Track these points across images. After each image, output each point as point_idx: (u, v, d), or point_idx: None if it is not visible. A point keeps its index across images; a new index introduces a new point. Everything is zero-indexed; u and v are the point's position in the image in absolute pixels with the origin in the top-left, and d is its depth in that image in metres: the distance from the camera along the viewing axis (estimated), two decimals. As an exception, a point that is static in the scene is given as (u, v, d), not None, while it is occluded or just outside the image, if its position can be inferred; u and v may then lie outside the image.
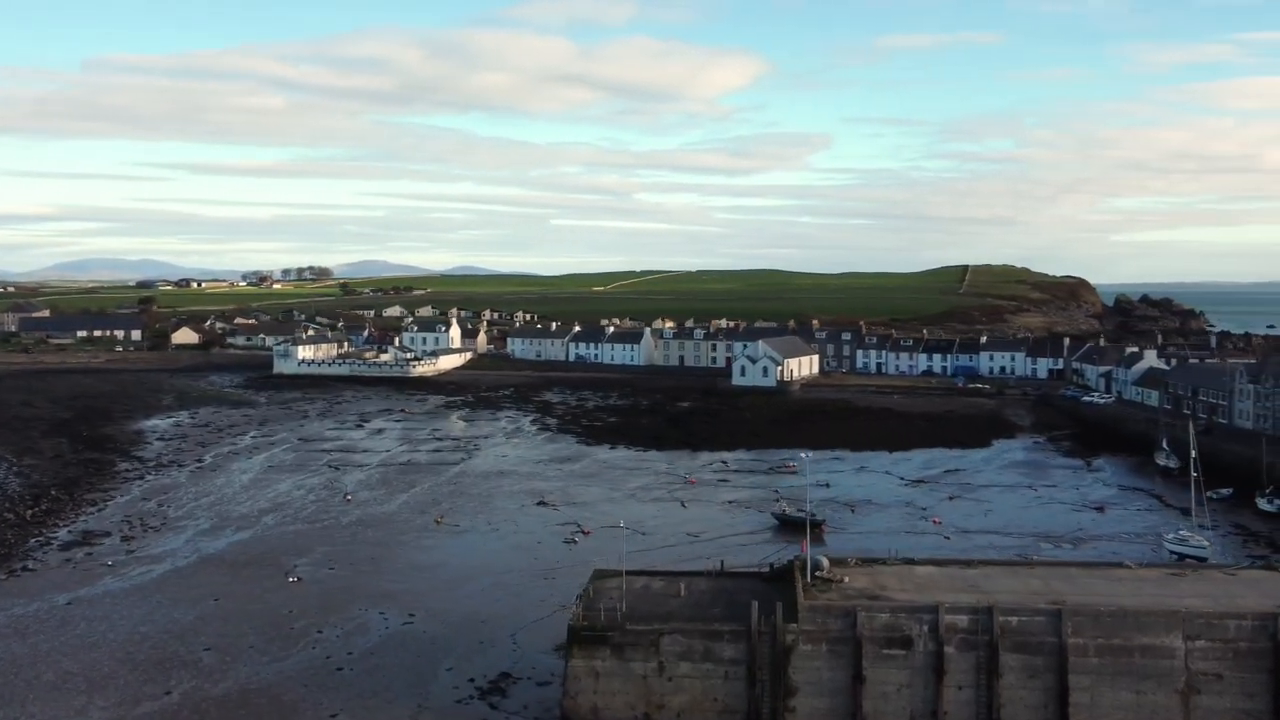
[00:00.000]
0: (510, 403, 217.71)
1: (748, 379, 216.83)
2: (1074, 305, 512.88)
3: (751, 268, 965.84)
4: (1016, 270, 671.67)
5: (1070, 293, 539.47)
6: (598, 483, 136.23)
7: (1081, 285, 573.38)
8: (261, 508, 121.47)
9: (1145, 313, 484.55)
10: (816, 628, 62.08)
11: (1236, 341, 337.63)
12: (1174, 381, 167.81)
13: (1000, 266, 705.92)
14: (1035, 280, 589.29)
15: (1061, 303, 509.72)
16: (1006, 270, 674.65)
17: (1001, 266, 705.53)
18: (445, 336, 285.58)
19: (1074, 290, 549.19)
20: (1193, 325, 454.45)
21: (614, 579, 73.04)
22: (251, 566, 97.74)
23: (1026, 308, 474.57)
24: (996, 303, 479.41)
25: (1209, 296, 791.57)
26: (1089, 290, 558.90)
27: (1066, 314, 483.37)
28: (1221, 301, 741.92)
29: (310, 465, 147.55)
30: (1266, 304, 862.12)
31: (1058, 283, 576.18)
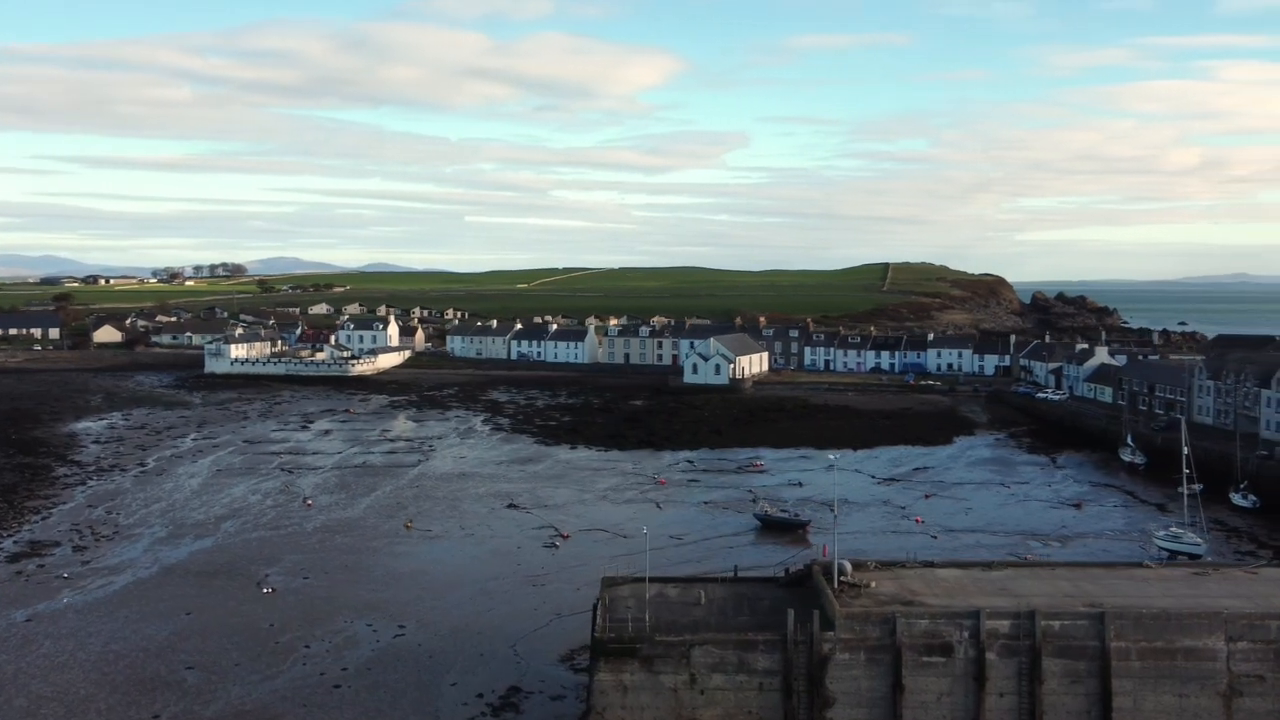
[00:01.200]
0: (457, 402, 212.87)
1: (700, 377, 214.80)
2: (994, 302, 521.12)
3: (670, 265, 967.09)
4: (935, 268, 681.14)
5: (989, 290, 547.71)
6: (565, 484, 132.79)
7: (1000, 283, 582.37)
8: (218, 514, 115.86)
9: (1062, 310, 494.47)
10: (854, 636, 59.74)
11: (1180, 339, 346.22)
12: (1128, 378, 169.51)
13: (920, 264, 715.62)
14: (955, 278, 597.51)
15: (982, 300, 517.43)
16: (926, 268, 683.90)
17: (921, 264, 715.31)
18: (383, 335, 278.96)
19: (993, 288, 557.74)
20: (1108, 322, 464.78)
21: (625, 586, 70.18)
22: (220, 577, 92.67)
23: (950, 305, 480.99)
24: (921, 300, 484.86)
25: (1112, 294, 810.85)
26: (1007, 288, 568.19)
27: (988, 311, 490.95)
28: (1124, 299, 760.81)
29: (261, 469, 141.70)
30: (1168, 301, 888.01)
31: (977, 280, 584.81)
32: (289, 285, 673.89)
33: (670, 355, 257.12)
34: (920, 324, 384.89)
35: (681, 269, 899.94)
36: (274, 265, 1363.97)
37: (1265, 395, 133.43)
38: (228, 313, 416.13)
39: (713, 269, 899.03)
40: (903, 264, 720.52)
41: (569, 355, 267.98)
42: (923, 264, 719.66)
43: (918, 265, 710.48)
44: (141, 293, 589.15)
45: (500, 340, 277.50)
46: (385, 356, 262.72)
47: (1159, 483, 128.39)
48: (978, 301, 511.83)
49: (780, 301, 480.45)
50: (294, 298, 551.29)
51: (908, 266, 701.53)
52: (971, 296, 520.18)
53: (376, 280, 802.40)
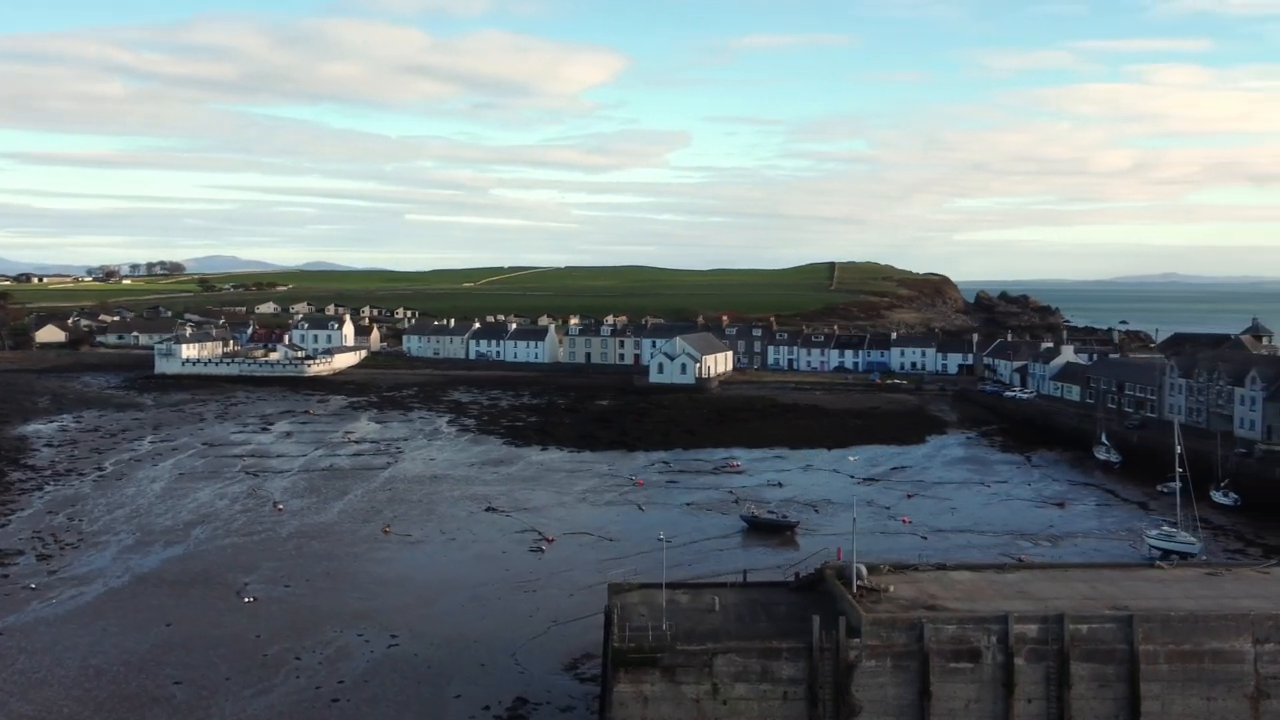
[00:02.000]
0: (418, 403, 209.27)
1: (665, 376, 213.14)
2: (940, 301, 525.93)
3: (612, 264, 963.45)
4: (881, 268, 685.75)
5: (935, 289, 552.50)
6: (541, 486, 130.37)
7: (945, 282, 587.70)
8: (186, 520, 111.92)
9: (1006, 309, 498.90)
10: (880, 642, 58.20)
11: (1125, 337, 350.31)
12: (1096, 376, 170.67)
13: (865, 264, 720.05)
14: (901, 277, 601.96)
15: (928, 299, 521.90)
16: (872, 267, 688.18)
17: (866, 264, 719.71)
18: (338, 334, 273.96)
19: (938, 287, 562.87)
20: (1051, 321, 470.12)
21: (634, 593, 68.10)
22: (196, 586, 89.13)
23: (898, 304, 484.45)
24: (870, 299, 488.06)
25: (1050, 294, 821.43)
26: (951, 287, 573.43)
27: (936, 310, 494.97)
28: (1062, 298, 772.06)
29: (225, 472, 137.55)
30: (1103, 300, 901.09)
31: (922, 279, 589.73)
32: (231, 284, 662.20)
33: (632, 355, 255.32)
34: (871, 323, 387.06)
35: (628, 268, 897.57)
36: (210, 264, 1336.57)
37: (1239, 393, 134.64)
38: (171, 312, 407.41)
39: (658, 268, 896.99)
40: (848, 263, 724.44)
41: (529, 355, 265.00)
42: (868, 263, 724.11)
43: (863, 265, 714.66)
44: (78, 291, 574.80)
45: (458, 340, 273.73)
46: (341, 356, 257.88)
47: (1137, 481, 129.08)
48: (924, 300, 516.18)
49: (731, 301, 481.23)
50: (238, 296, 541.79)
51: (853, 266, 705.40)
52: (918, 296, 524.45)
53: (319, 279, 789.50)
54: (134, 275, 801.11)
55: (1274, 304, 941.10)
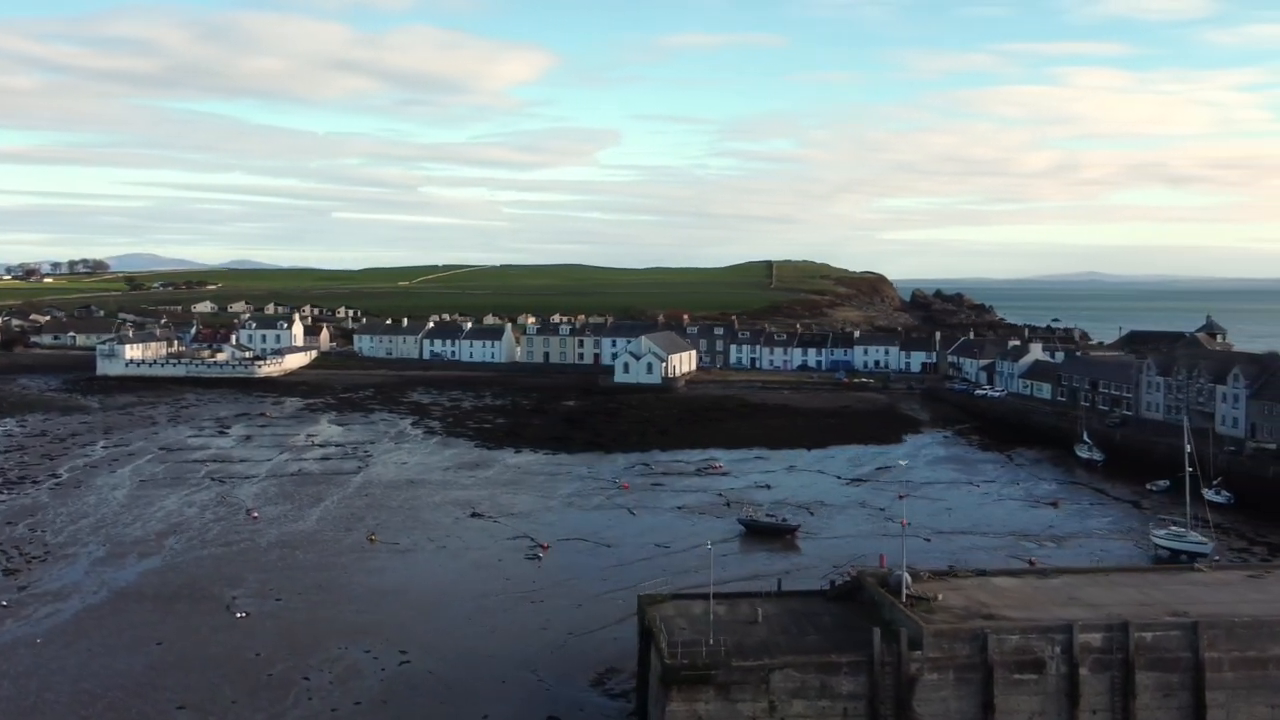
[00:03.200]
0: (377, 404, 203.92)
1: (631, 376, 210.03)
2: (878, 299, 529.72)
3: (544, 263, 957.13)
4: (818, 266, 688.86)
5: (872, 287, 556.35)
6: (523, 490, 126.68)
7: (881, 280, 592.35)
8: (157, 529, 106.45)
9: (942, 307, 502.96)
10: (943, 654, 55.88)
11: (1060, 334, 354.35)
12: (1068, 374, 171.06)
13: (801, 262, 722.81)
14: (838, 276, 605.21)
15: (866, 297, 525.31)
16: (808, 266, 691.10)
17: (802, 262, 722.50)
18: (288, 334, 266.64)
19: (875, 285, 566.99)
20: (987, 319, 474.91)
21: (667, 605, 65.17)
22: (180, 600, 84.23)
23: (839, 302, 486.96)
24: (811, 297, 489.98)
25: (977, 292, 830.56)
26: (887, 285, 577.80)
27: (875, 308, 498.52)
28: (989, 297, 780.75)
29: (189, 478, 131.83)
30: (1029, 299, 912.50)
31: (859, 278, 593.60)
32: (160, 283, 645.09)
33: (591, 354, 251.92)
34: (815, 320, 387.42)
35: (565, 266, 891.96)
36: (132, 262, 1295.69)
37: (1221, 391, 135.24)
38: (104, 311, 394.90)
39: (595, 266, 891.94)
40: (784, 262, 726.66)
41: (485, 355, 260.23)
42: (804, 262, 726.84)
43: (799, 263, 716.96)
44: None
45: (412, 339, 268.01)
46: (292, 357, 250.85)
47: (1124, 480, 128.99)
48: (863, 299, 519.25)
49: (677, 299, 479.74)
50: (169, 295, 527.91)
51: (790, 264, 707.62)
52: (857, 294, 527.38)
53: (248, 278, 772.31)
54: (55, 274, 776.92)
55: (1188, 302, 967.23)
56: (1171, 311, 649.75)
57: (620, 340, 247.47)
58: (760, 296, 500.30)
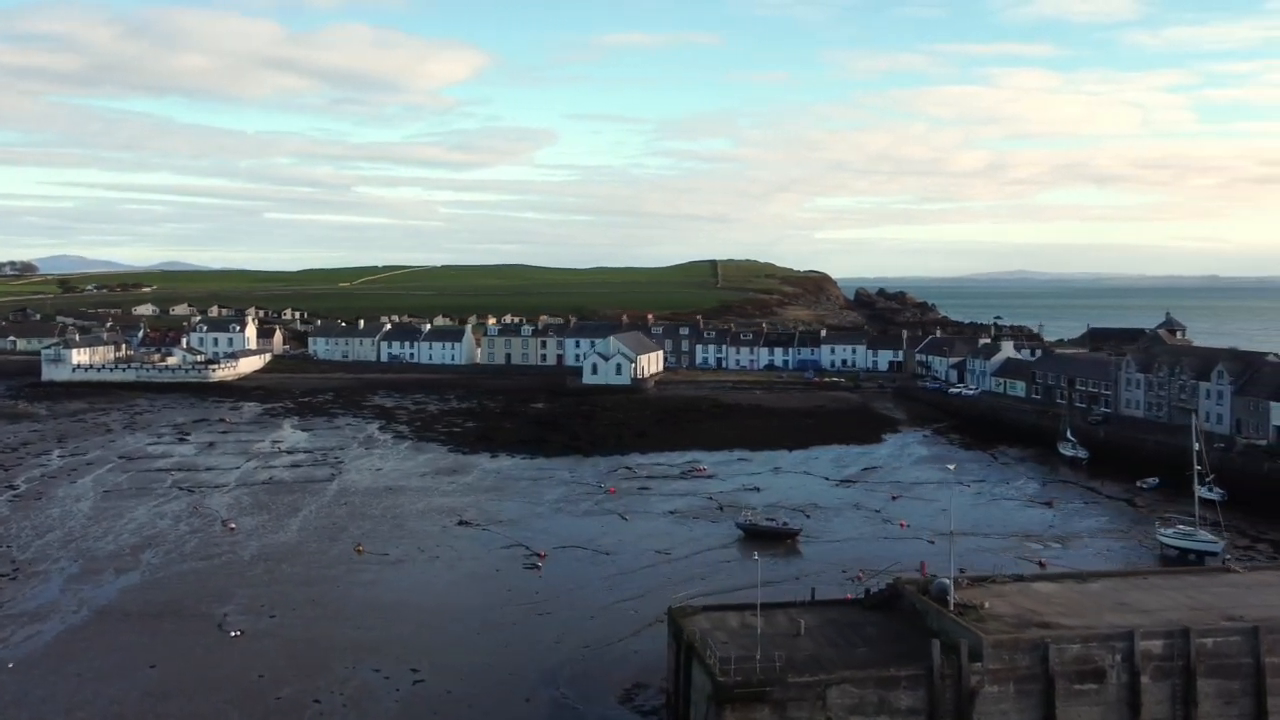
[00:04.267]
0: (339, 408, 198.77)
1: (600, 377, 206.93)
2: (823, 298, 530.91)
3: (481, 263, 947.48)
4: (761, 265, 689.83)
5: (817, 286, 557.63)
6: (508, 497, 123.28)
7: (825, 279, 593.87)
8: (131, 543, 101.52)
9: (886, 305, 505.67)
10: (1003, 666, 53.96)
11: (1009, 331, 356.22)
12: (1043, 372, 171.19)
13: (745, 261, 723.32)
14: (783, 275, 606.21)
15: (812, 295, 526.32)
16: (752, 265, 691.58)
17: (746, 261, 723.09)
18: (241, 337, 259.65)
19: (819, 284, 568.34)
20: (931, 317, 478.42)
21: (700, 617, 62.77)
22: (168, 619, 79.83)
23: (787, 301, 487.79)
24: (759, 296, 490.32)
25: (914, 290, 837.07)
26: (832, 284, 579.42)
27: (823, 306, 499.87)
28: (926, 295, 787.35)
29: (155, 488, 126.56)
30: (964, 296, 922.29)
31: (804, 277, 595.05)
32: (94, 285, 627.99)
33: (555, 355, 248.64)
34: (767, 319, 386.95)
35: (508, 266, 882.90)
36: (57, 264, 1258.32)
37: (1204, 387, 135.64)
38: (40, 315, 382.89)
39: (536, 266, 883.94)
40: (728, 261, 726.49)
41: (445, 356, 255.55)
42: (748, 261, 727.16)
43: (743, 263, 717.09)
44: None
45: (369, 341, 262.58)
46: (246, 360, 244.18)
47: (1112, 478, 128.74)
48: (809, 297, 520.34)
49: (626, 299, 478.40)
50: (104, 298, 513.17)
51: (734, 264, 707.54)
52: (803, 293, 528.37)
53: (184, 279, 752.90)
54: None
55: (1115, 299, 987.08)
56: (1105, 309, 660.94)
57: (584, 341, 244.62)
58: (710, 296, 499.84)
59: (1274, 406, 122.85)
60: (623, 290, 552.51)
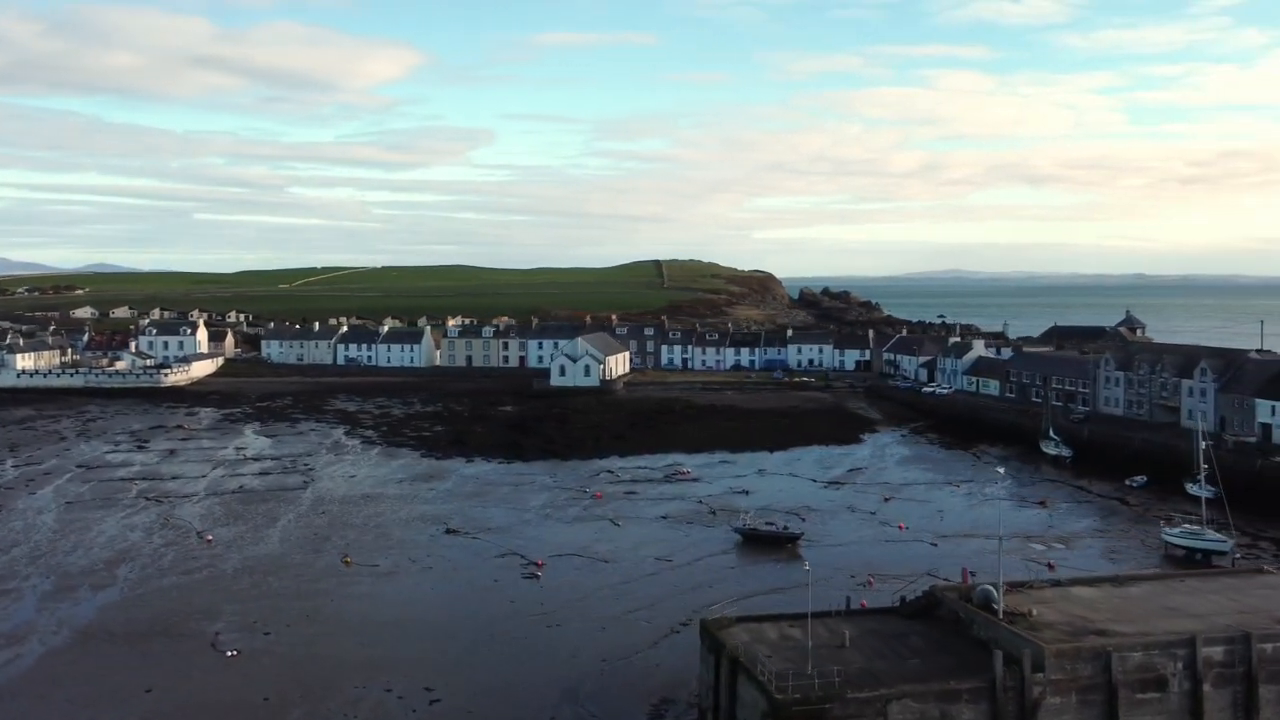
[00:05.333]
0: (300, 413, 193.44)
1: (568, 379, 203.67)
2: (769, 297, 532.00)
3: (419, 263, 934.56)
4: (706, 265, 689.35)
5: (762, 285, 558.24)
6: (492, 503, 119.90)
7: (770, 279, 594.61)
8: (103, 557, 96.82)
9: (831, 304, 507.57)
10: (1065, 676, 52.17)
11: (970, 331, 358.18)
12: (1017, 370, 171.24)
13: (689, 261, 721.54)
14: (728, 274, 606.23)
15: (758, 295, 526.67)
16: (696, 265, 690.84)
17: (690, 261, 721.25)
18: (192, 340, 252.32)
19: (764, 283, 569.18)
20: (875, 316, 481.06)
21: (735, 629, 60.19)
22: (156, 638, 75.68)
23: (735, 300, 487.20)
24: (708, 296, 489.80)
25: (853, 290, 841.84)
26: (776, 283, 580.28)
27: (772, 306, 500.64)
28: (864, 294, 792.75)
29: (120, 499, 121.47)
30: (902, 295, 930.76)
31: (749, 276, 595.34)
32: (25, 287, 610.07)
33: (517, 357, 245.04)
34: (718, 319, 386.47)
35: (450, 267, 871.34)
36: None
37: (1187, 385, 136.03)
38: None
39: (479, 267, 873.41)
40: (672, 261, 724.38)
41: (404, 359, 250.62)
42: (692, 261, 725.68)
43: (687, 262, 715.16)
44: None
45: (325, 344, 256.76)
46: (198, 364, 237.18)
47: (1098, 476, 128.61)
48: (755, 297, 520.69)
49: (574, 299, 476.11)
50: (38, 301, 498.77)
51: (678, 264, 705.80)
52: (750, 292, 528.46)
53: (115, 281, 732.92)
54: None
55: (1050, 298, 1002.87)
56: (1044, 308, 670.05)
57: (546, 342, 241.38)
58: (659, 296, 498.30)
59: (1259, 403, 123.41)
60: (572, 290, 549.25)
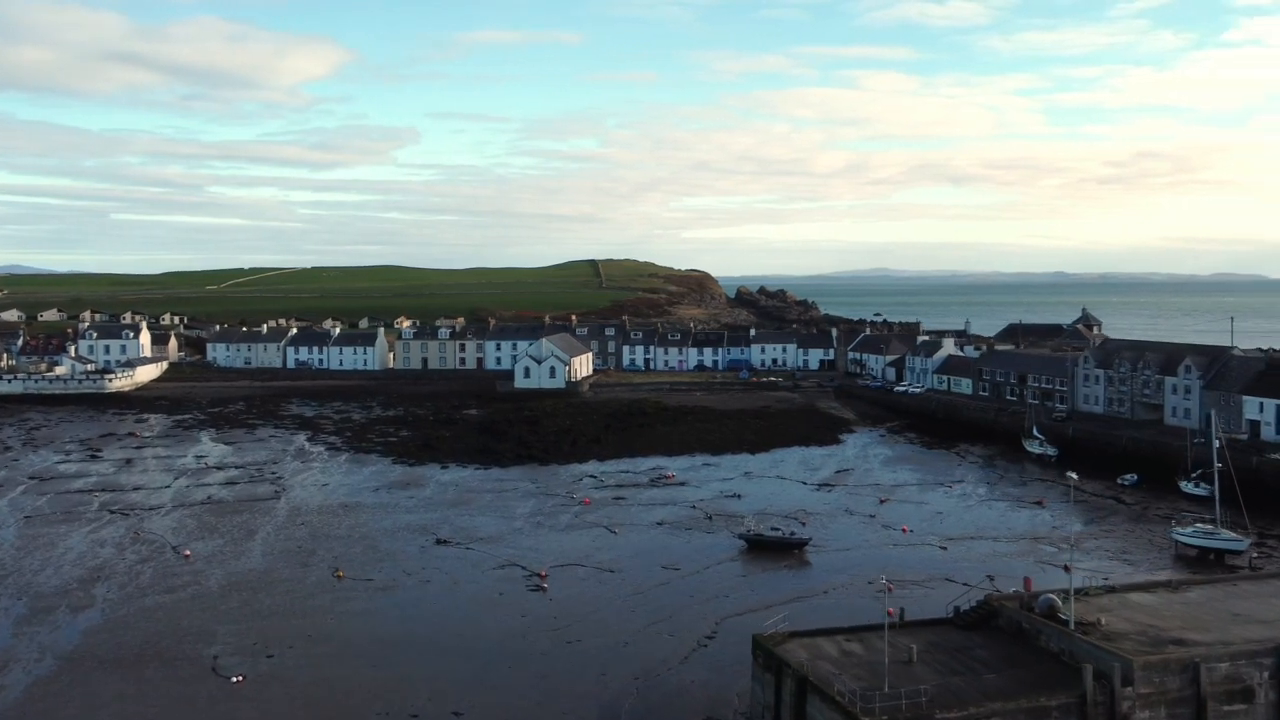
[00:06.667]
0: (256, 419, 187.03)
1: (533, 380, 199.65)
2: (708, 296, 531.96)
3: (345, 264, 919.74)
4: (642, 264, 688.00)
5: (699, 284, 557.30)
6: (477, 511, 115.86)
7: (706, 278, 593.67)
8: (77, 576, 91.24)
9: (769, 303, 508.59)
10: (1154, 689, 50.17)
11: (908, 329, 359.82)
12: (990, 368, 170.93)
13: (626, 261, 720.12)
14: (665, 274, 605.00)
15: (697, 295, 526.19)
16: (634, 265, 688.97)
17: (627, 261, 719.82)
18: (135, 344, 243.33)
19: (701, 282, 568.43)
20: (813, 314, 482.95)
21: (791, 644, 57.42)
22: (149, 664, 70.77)
23: (675, 300, 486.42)
24: (648, 296, 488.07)
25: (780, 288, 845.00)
26: (713, 283, 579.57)
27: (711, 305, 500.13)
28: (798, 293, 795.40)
29: (82, 512, 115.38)
30: (831, 294, 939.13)
31: (685, 275, 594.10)
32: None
33: (474, 358, 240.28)
34: (663, 319, 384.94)
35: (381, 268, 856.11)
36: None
37: (1171, 383, 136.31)
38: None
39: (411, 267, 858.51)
40: (609, 260, 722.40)
41: (357, 362, 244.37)
42: (628, 260, 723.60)
43: (623, 262, 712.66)
44: None
45: (274, 347, 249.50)
46: (143, 369, 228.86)
47: (1087, 475, 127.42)
48: (694, 296, 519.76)
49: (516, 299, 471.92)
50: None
51: (615, 263, 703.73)
52: (688, 291, 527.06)
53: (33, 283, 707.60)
54: None
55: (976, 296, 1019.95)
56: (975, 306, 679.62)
57: (504, 343, 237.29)
58: (601, 295, 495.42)
59: (1247, 400, 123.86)
60: (512, 290, 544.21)
